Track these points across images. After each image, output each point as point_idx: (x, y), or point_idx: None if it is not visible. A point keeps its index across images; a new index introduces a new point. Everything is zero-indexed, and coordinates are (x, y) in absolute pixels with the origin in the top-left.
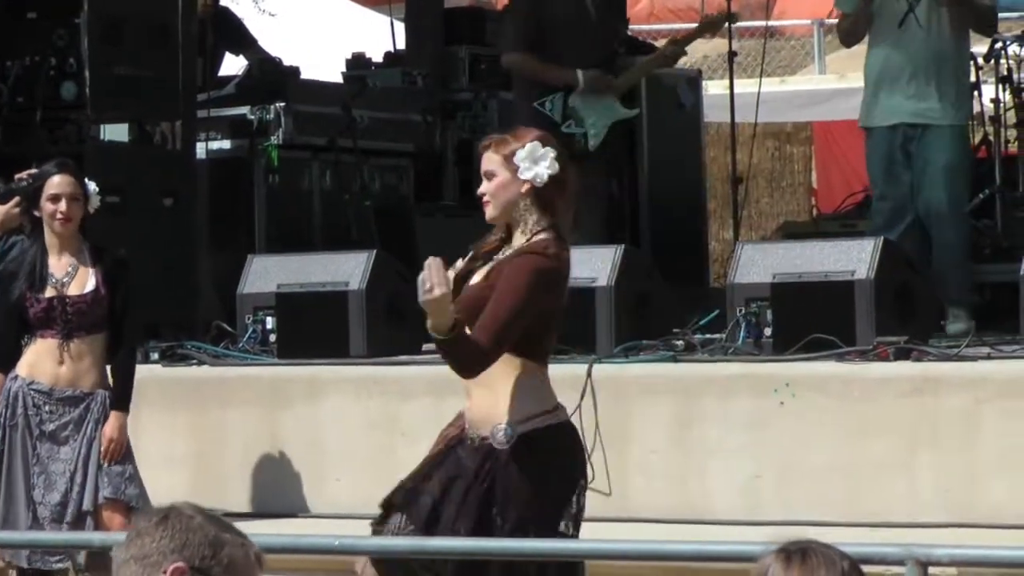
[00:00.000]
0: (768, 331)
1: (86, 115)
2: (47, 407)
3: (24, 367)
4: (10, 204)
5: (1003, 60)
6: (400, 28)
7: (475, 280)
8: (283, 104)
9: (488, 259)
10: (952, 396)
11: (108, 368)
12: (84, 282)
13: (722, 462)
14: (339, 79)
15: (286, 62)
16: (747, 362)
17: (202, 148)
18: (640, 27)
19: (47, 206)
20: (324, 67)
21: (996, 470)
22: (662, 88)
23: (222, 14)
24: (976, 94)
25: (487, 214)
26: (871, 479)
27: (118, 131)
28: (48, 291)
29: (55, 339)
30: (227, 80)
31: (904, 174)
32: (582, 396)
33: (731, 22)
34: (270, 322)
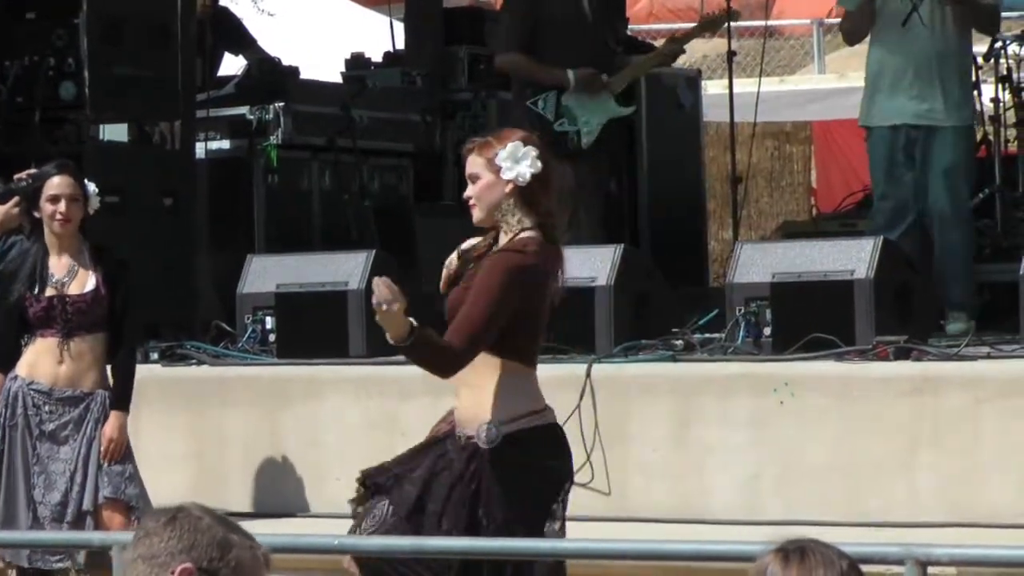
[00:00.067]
0: (767, 331)
1: (85, 115)
2: (47, 407)
3: (24, 367)
4: (10, 204)
5: (1003, 59)
6: (400, 28)
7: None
8: (282, 104)
9: (479, 262)
10: (952, 396)
11: (108, 368)
12: (84, 282)
13: (721, 462)
14: (338, 79)
15: (285, 62)
16: (746, 362)
17: (201, 148)
18: (639, 27)
19: (47, 207)
20: (323, 67)
21: (996, 470)
22: (661, 88)
23: (221, 14)
24: (976, 93)
25: (474, 217)
26: (870, 479)
27: (117, 131)
28: (48, 291)
29: (55, 339)
30: (226, 80)
31: (906, 174)
32: (581, 396)
33: (730, 21)
34: (270, 322)
